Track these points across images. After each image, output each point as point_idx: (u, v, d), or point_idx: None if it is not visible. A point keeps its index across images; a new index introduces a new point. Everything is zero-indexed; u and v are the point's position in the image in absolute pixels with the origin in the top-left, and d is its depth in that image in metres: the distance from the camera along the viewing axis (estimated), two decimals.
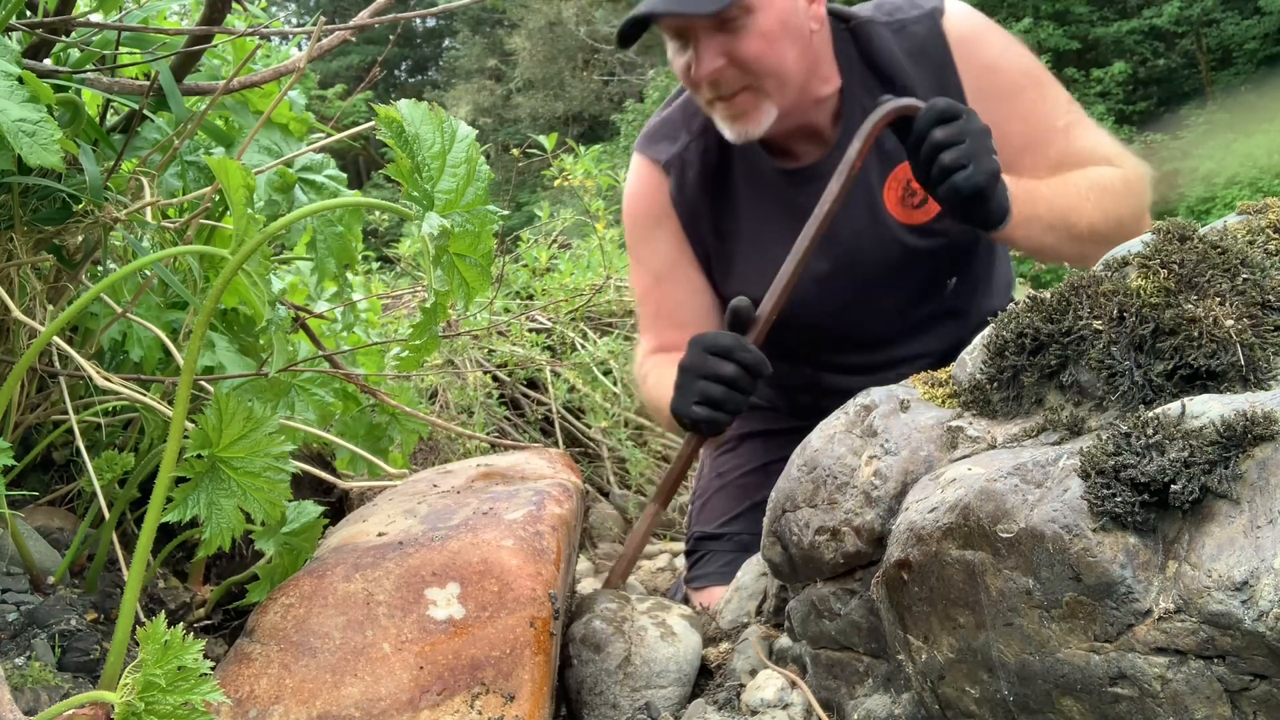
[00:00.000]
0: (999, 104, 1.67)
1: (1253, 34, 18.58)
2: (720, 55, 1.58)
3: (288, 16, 25.35)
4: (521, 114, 23.94)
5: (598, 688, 1.20)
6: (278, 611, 1.10)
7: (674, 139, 1.85)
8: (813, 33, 1.66)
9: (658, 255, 1.87)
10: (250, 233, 0.89)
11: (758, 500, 1.90)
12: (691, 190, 1.81)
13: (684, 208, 1.83)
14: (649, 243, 1.88)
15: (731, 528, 1.91)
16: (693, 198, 1.82)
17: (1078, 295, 0.97)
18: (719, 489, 2.01)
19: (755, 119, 1.63)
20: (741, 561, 1.79)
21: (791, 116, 1.68)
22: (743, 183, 1.80)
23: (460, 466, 1.55)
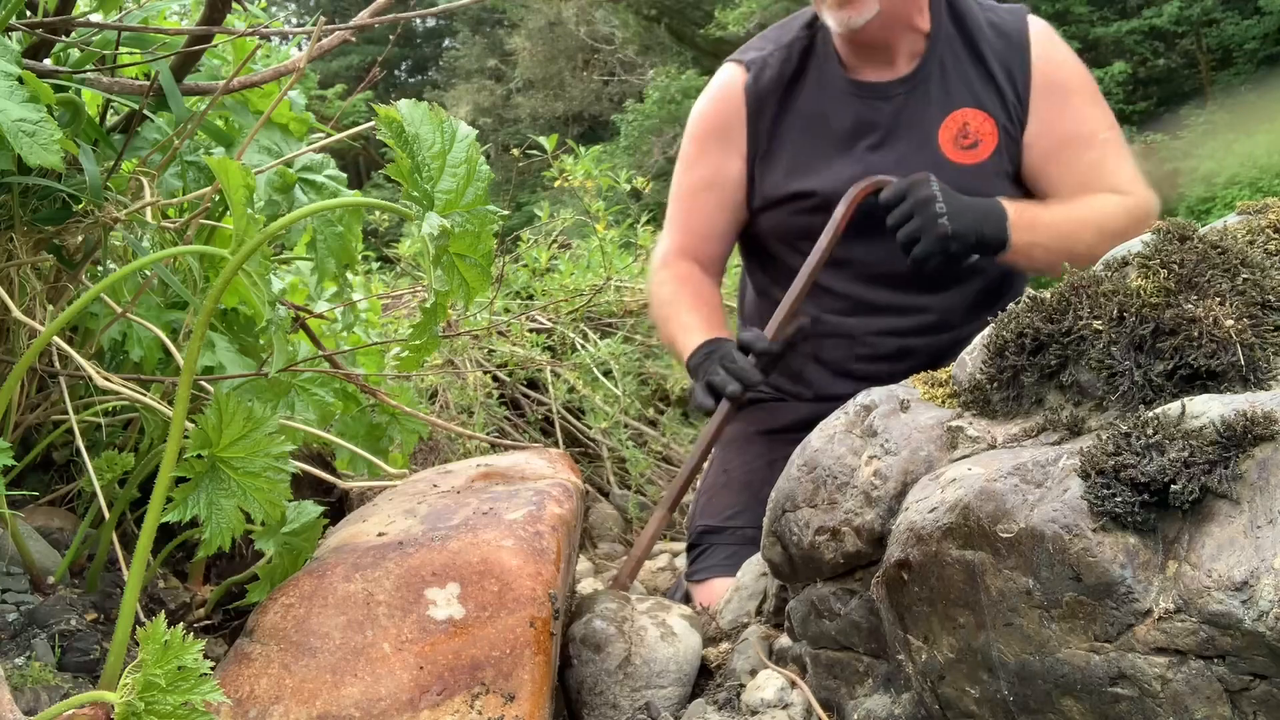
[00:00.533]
0: (1056, 97, 1.85)
1: (1253, 34, 18.57)
2: None
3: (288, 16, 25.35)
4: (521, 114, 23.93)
5: (598, 688, 1.20)
6: (278, 611, 1.10)
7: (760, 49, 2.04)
8: None
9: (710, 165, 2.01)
10: (250, 233, 0.89)
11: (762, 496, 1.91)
12: (765, 85, 1.97)
13: (754, 97, 1.97)
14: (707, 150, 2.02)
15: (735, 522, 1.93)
16: (764, 91, 1.97)
17: (1078, 295, 0.97)
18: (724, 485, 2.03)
19: (860, 8, 1.79)
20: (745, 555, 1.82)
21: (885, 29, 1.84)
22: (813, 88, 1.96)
23: (460, 466, 1.55)
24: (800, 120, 1.96)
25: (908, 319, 1.92)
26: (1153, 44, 19.84)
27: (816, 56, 1.97)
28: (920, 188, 1.68)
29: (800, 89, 1.97)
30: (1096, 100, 1.91)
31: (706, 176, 2.01)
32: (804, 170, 1.93)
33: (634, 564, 1.55)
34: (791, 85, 1.97)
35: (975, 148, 1.85)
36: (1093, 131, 1.86)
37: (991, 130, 1.85)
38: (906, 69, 1.89)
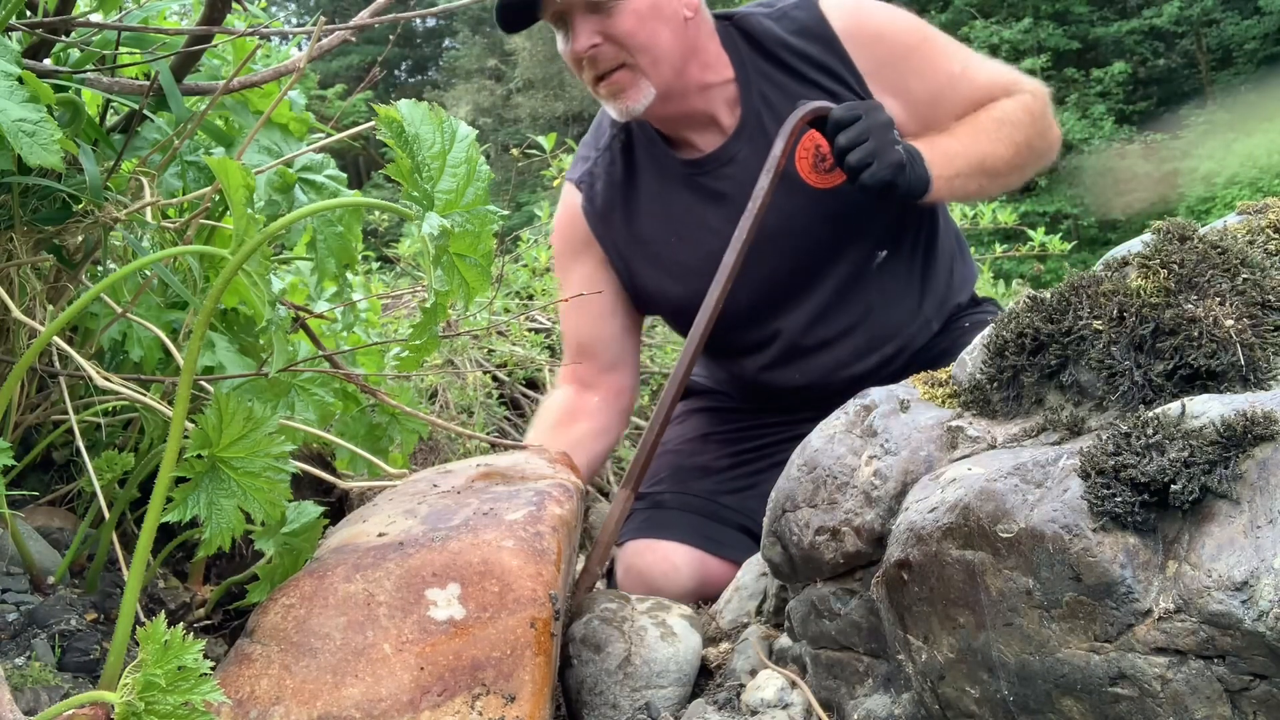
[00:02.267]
0: (894, 68, 1.78)
1: (1253, 34, 18.58)
2: (595, 33, 1.69)
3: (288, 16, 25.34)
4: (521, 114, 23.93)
5: (598, 688, 1.20)
6: (278, 612, 1.10)
7: (586, 158, 1.98)
8: (687, 19, 1.75)
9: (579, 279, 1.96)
10: (250, 233, 0.89)
11: (689, 464, 1.96)
12: (601, 199, 1.91)
13: (594, 217, 1.92)
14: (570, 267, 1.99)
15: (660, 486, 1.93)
16: (602, 206, 1.91)
17: (1078, 295, 0.97)
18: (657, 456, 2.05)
19: (634, 95, 1.72)
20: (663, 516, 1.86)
21: (677, 100, 1.77)
22: (650, 182, 1.89)
23: (460, 466, 1.55)
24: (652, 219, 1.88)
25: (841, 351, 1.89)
26: (1153, 44, 19.86)
27: (640, 146, 1.90)
28: (875, 111, 1.59)
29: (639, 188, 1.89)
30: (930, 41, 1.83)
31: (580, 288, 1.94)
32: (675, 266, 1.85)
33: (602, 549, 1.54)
34: (628, 188, 1.90)
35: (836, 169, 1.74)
36: (947, 73, 1.79)
37: None
38: (732, 121, 1.81)
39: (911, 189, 1.61)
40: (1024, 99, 1.78)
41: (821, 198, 1.79)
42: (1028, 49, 19.06)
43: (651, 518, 1.86)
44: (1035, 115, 1.78)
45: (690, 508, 1.87)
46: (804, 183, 1.79)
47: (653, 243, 1.88)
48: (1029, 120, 1.77)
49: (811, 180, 1.79)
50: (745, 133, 1.79)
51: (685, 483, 1.91)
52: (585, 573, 1.49)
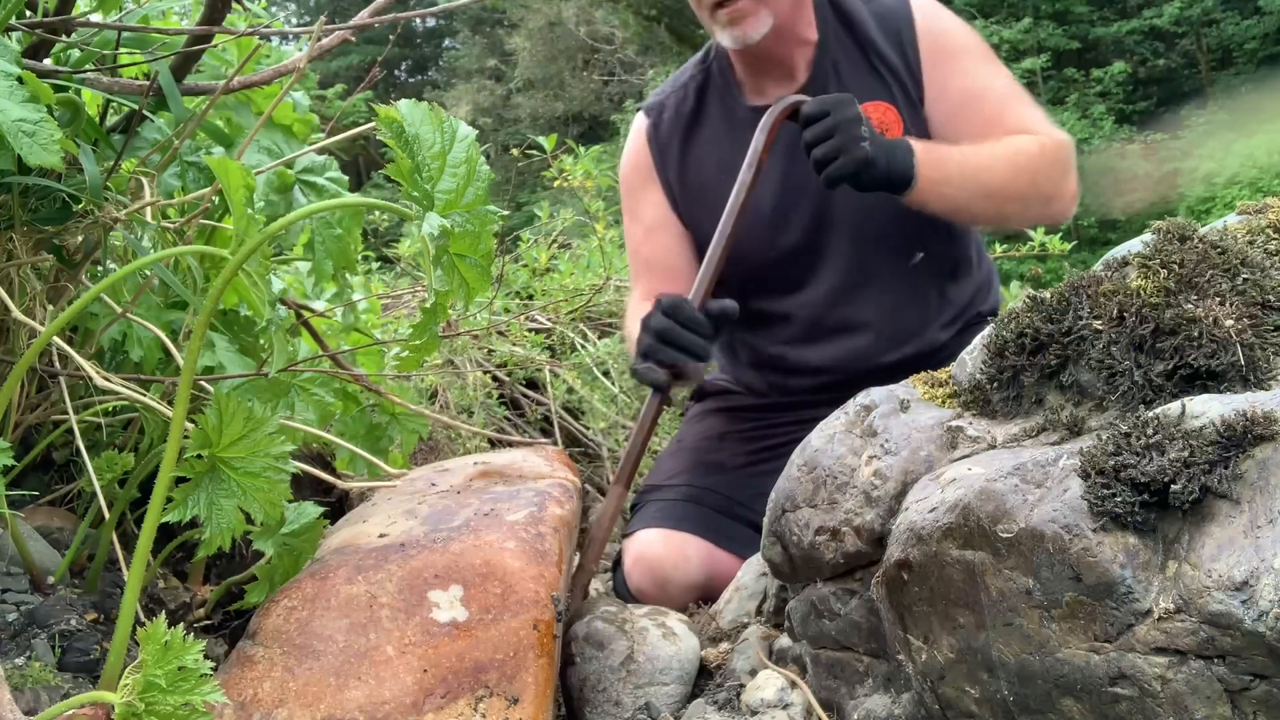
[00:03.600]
0: (944, 62, 1.84)
1: (1253, 34, 18.58)
2: None
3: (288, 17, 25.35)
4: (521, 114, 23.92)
5: (600, 684, 1.20)
6: (280, 614, 1.10)
7: (661, 93, 2.06)
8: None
9: (649, 208, 2.01)
10: (250, 233, 0.89)
11: (706, 460, 1.97)
12: (666, 129, 1.99)
13: (657, 145, 1.99)
14: (638, 198, 2.03)
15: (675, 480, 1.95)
16: (665, 136, 1.98)
17: (1078, 295, 0.97)
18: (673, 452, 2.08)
19: (754, 23, 1.78)
20: (676, 509, 1.85)
21: (782, 39, 1.84)
22: (717, 121, 1.95)
23: (457, 464, 1.55)
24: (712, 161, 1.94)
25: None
26: (1153, 44, 19.85)
27: (715, 90, 1.97)
28: (845, 106, 1.63)
29: (703, 126, 1.97)
30: (989, 59, 1.90)
31: (652, 219, 2.00)
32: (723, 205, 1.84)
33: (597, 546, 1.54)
34: (692, 124, 1.97)
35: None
36: (987, 86, 1.85)
37: (895, 119, 1.83)
38: (804, 77, 1.90)
39: (890, 183, 1.64)
40: (1040, 139, 1.81)
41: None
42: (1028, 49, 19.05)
43: (664, 509, 1.86)
44: (1047, 154, 1.79)
45: (704, 502, 1.88)
46: None
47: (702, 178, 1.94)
48: (1038, 154, 1.78)
49: None
50: (812, 90, 1.85)
51: (700, 478, 1.92)
52: (581, 569, 1.49)
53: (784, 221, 1.88)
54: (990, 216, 1.84)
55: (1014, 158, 1.76)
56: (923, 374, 1.17)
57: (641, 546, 1.79)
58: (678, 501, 1.88)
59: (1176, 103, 18.70)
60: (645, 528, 1.84)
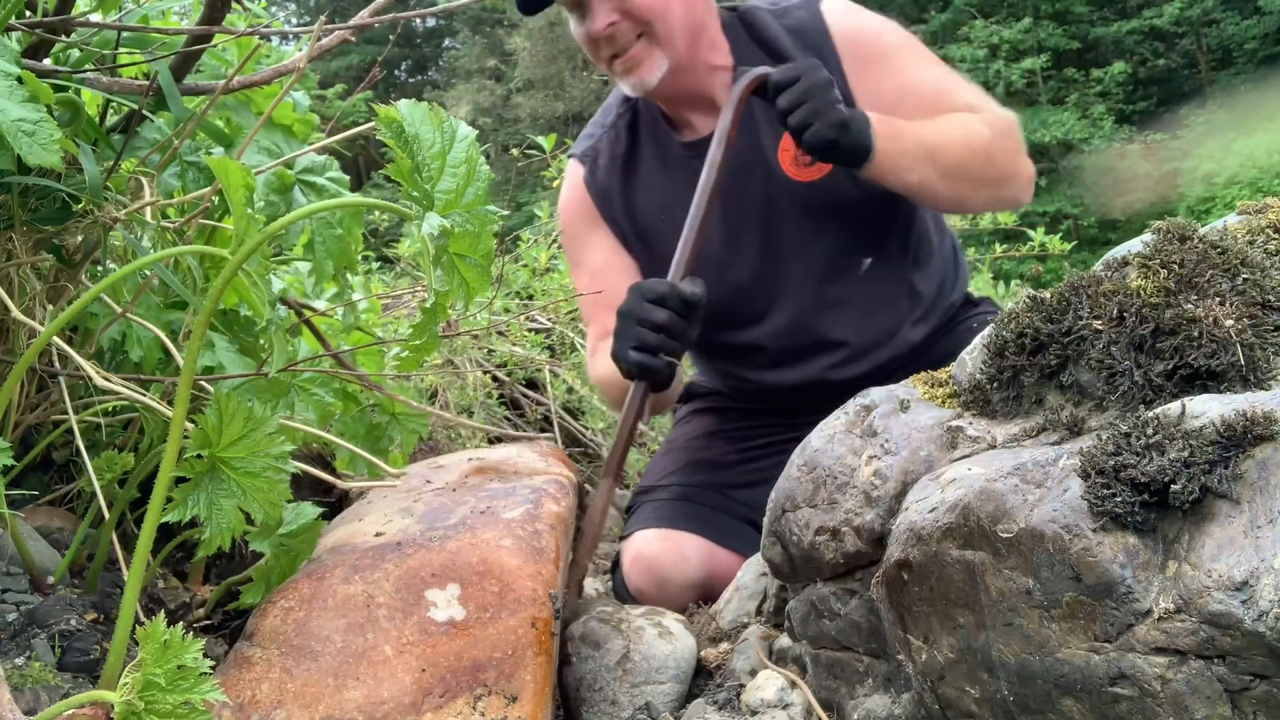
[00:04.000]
0: (871, 64, 1.83)
1: (1253, 34, 18.58)
2: (613, 11, 1.75)
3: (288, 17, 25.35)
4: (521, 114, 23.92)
5: (597, 684, 1.20)
6: (277, 615, 1.10)
7: (590, 135, 2.04)
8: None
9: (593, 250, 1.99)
10: (250, 233, 0.89)
11: (698, 458, 1.97)
12: (603, 174, 1.97)
13: (596, 190, 1.97)
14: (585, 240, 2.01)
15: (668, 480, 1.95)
16: (603, 181, 1.97)
17: (1078, 295, 0.97)
18: (665, 453, 2.08)
19: (649, 68, 1.77)
20: (672, 508, 1.85)
21: (686, 75, 1.82)
22: (651, 160, 1.94)
23: (452, 460, 1.55)
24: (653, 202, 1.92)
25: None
26: (1153, 44, 19.85)
27: (645, 125, 1.95)
28: (814, 71, 1.61)
29: (639, 166, 1.94)
30: (914, 51, 1.88)
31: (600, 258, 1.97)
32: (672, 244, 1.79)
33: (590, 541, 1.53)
34: (628, 164, 1.95)
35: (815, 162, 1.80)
36: (919, 79, 1.83)
37: None
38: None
39: (854, 151, 1.62)
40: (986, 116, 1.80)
41: (802, 191, 1.83)
42: (1028, 49, 19.06)
43: (661, 509, 1.86)
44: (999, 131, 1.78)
45: (698, 500, 1.88)
46: (785, 176, 1.83)
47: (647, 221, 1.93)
48: (988, 133, 1.77)
49: (792, 173, 1.83)
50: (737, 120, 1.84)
51: (694, 476, 1.92)
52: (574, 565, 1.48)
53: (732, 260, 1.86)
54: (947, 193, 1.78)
55: (966, 135, 1.74)
56: (923, 374, 1.17)
57: (639, 547, 1.79)
58: (672, 501, 1.88)
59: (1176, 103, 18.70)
60: (641, 528, 1.84)
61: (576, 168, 2.01)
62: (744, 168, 1.83)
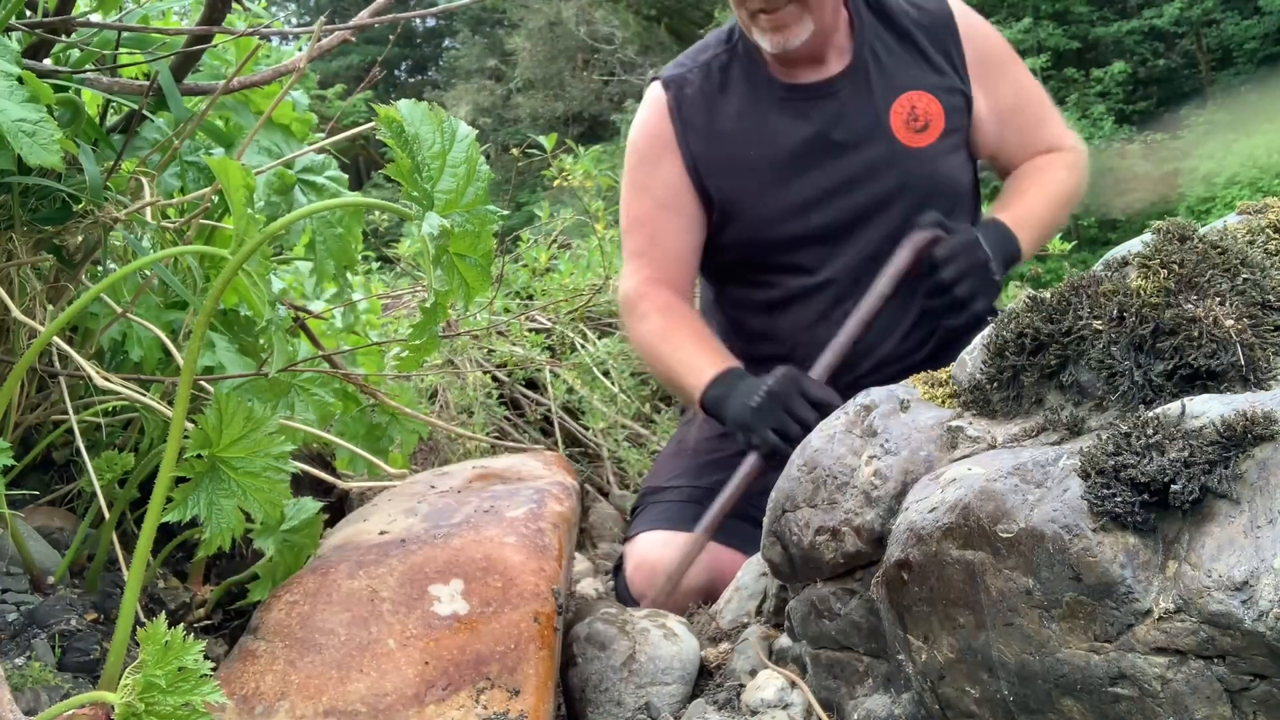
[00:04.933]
0: (993, 67, 1.95)
1: (1253, 34, 18.57)
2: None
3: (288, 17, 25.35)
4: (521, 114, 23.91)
5: (602, 684, 1.20)
6: (282, 608, 1.11)
7: (681, 65, 2.05)
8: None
9: (662, 183, 1.96)
10: (250, 233, 0.89)
11: (706, 460, 1.96)
12: (688, 103, 1.97)
13: (679, 117, 1.97)
14: (654, 169, 1.98)
15: (676, 482, 1.95)
16: (689, 109, 1.96)
17: (1078, 295, 0.97)
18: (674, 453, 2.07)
19: (796, 31, 1.81)
20: (677, 511, 1.86)
21: (817, 41, 1.87)
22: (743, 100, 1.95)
23: (456, 469, 1.55)
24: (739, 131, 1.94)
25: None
26: (1153, 44, 19.84)
27: (740, 68, 1.97)
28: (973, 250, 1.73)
29: (729, 100, 1.96)
30: (1021, 64, 2.04)
31: (664, 196, 1.96)
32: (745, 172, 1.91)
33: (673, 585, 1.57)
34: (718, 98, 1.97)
35: (926, 129, 1.90)
36: (1028, 97, 1.99)
37: (938, 110, 1.89)
38: (839, 65, 1.92)
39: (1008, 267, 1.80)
40: (1070, 158, 1.99)
41: (904, 154, 1.89)
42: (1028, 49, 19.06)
43: (666, 511, 1.87)
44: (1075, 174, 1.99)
45: (705, 502, 1.88)
46: (894, 136, 1.90)
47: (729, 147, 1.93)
48: (1073, 181, 1.98)
49: (901, 136, 1.90)
50: (851, 75, 1.90)
51: (704, 478, 1.92)
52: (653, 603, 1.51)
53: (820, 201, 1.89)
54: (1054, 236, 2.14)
55: (1060, 191, 1.95)
56: (923, 374, 1.18)
57: (643, 551, 1.79)
58: (680, 504, 1.88)
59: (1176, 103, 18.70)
60: (646, 530, 1.84)
61: (660, 91, 2.00)
62: (854, 117, 1.89)
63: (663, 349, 1.89)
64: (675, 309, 1.93)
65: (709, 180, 1.93)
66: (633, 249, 2.02)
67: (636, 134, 2.04)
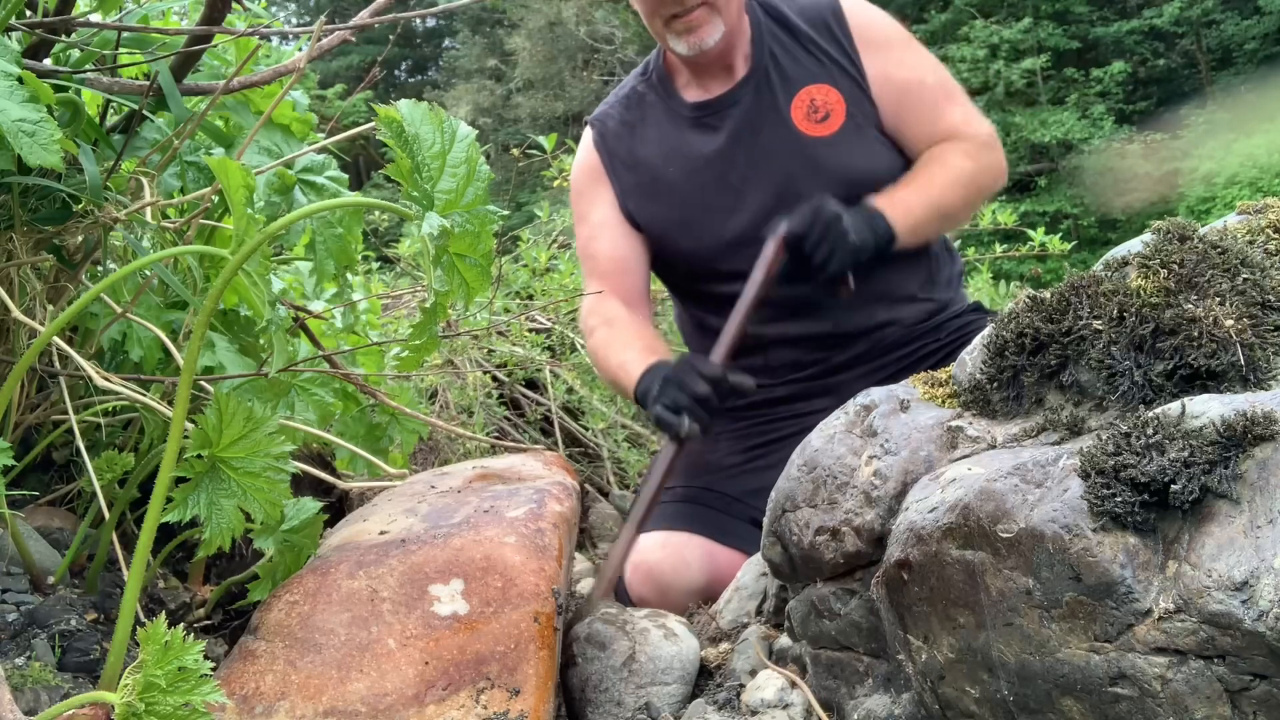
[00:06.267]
0: (882, 53, 1.97)
1: (1253, 34, 18.57)
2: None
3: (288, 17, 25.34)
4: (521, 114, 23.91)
5: (603, 684, 1.20)
6: (282, 608, 1.11)
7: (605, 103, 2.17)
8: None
9: (597, 207, 2.08)
10: (250, 233, 0.89)
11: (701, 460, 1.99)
12: (612, 134, 2.09)
13: (605, 149, 2.08)
14: (589, 201, 2.11)
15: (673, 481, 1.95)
16: (613, 139, 2.08)
17: (1078, 295, 0.97)
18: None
19: (708, 31, 1.88)
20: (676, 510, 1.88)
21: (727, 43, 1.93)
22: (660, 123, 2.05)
23: (456, 469, 1.56)
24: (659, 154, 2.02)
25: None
26: (1153, 44, 19.83)
27: (655, 96, 2.07)
28: (822, 210, 1.76)
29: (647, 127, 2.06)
30: (917, 48, 2.05)
31: (601, 219, 2.07)
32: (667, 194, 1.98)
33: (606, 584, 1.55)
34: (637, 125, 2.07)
35: (828, 119, 1.94)
36: (923, 79, 1.99)
37: (838, 99, 1.93)
38: (743, 70, 1.99)
39: (878, 250, 1.79)
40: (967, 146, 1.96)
41: (809, 145, 1.93)
42: (1028, 49, 19.06)
43: (664, 511, 1.87)
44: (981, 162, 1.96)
45: (702, 501, 1.89)
46: (797, 130, 1.94)
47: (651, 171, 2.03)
48: (971, 165, 1.94)
49: (803, 128, 1.94)
50: (752, 81, 1.96)
51: (699, 478, 1.93)
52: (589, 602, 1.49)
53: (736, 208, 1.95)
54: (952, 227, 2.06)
55: (958, 177, 1.92)
56: (922, 374, 1.18)
57: (641, 553, 1.79)
58: (676, 503, 1.89)
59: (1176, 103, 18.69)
60: (644, 530, 1.84)
61: (589, 130, 2.13)
62: (757, 120, 1.94)
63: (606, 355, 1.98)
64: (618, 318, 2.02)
65: (635, 207, 2.04)
66: (585, 273, 2.16)
67: (574, 172, 2.17)
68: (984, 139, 1.99)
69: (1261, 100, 16.52)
